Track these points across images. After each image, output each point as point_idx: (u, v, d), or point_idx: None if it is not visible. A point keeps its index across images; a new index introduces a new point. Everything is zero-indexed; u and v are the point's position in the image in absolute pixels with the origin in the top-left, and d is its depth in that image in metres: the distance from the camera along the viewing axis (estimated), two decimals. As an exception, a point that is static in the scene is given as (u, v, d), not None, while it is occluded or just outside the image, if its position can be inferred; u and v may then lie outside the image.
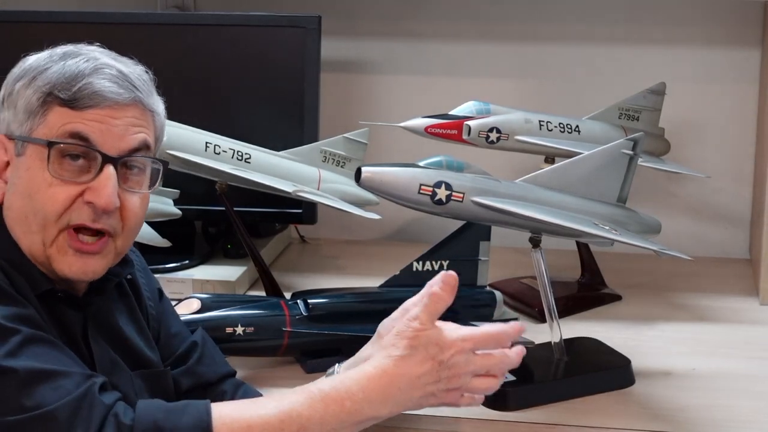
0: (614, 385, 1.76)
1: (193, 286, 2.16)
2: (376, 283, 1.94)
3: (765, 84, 2.31)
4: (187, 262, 2.24)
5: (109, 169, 1.34)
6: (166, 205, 2.09)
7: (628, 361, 1.80)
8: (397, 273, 1.92)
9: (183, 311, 1.74)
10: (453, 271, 1.40)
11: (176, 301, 1.75)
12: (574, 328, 1.95)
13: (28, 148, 1.33)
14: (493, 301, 1.96)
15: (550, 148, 2.06)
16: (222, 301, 1.83)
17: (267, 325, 1.78)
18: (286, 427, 1.27)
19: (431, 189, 1.61)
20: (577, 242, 2.16)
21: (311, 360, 1.82)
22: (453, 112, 2.01)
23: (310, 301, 1.84)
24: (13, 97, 1.35)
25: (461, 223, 1.91)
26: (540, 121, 2.06)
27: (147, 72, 1.42)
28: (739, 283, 2.27)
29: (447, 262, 1.92)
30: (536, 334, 1.90)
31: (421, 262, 1.91)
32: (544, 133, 2.06)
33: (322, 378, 1.40)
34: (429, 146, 1.98)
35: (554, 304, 1.77)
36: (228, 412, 1.27)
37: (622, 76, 2.42)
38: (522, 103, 2.14)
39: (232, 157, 1.99)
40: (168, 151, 1.91)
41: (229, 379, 1.58)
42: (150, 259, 1.64)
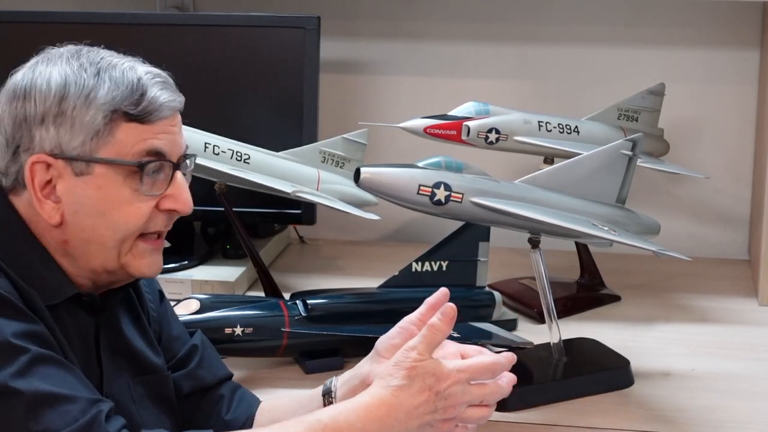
0: (613, 386, 1.76)
1: (192, 287, 2.16)
2: (375, 283, 1.94)
3: (764, 84, 2.31)
4: (186, 262, 2.24)
5: (180, 175, 1.38)
6: (166, 206, 2.09)
7: (627, 362, 1.80)
8: (396, 273, 1.92)
9: (182, 312, 1.75)
10: (453, 304, 1.41)
11: (175, 302, 1.75)
12: (573, 328, 1.95)
13: (96, 167, 1.32)
14: (493, 302, 1.96)
15: (549, 148, 2.06)
16: (221, 302, 1.83)
17: (266, 325, 1.78)
18: None
19: (430, 189, 1.61)
20: (576, 243, 2.16)
21: (310, 360, 1.82)
22: (452, 113, 2.01)
23: (309, 302, 1.84)
24: (66, 118, 1.31)
25: (460, 224, 1.91)
26: (539, 122, 2.06)
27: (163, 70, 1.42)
28: (738, 284, 2.27)
29: (446, 262, 1.92)
30: (535, 334, 1.91)
31: (420, 263, 1.91)
32: (543, 134, 2.06)
33: (319, 408, 1.42)
34: (428, 147, 1.98)
35: (553, 304, 1.77)
36: None
37: (622, 77, 2.42)
38: (521, 104, 2.14)
39: (231, 158, 1.99)
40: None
41: (226, 383, 1.59)
42: (149, 259, 1.63)
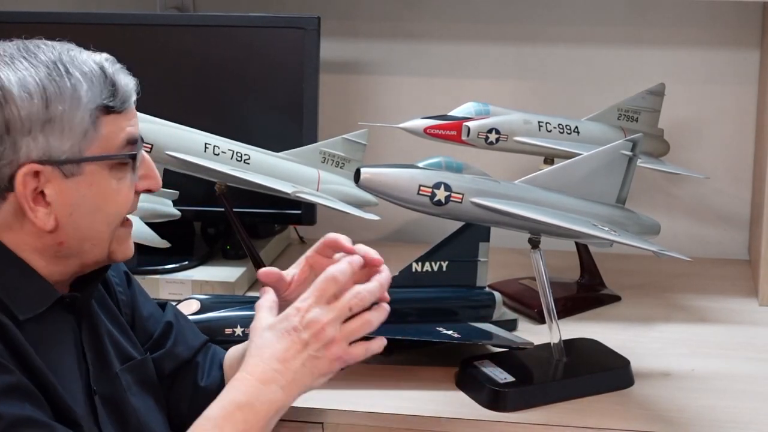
0: (613, 386, 1.76)
1: (192, 287, 2.16)
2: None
3: (764, 85, 2.31)
4: (186, 263, 2.24)
5: (144, 154, 1.40)
6: (165, 206, 2.09)
7: (627, 362, 1.80)
8: (396, 274, 1.91)
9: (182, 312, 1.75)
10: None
11: (175, 302, 1.75)
12: (573, 328, 1.95)
13: (85, 166, 1.33)
14: (493, 302, 1.96)
15: (549, 149, 2.06)
16: (221, 302, 1.83)
17: (266, 326, 1.78)
18: None
19: (430, 190, 1.61)
20: (577, 243, 2.16)
21: (310, 361, 1.82)
22: (452, 113, 2.01)
23: (309, 302, 1.84)
24: (56, 124, 1.30)
25: (460, 224, 1.91)
26: (539, 122, 2.06)
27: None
28: (738, 284, 2.27)
29: (446, 263, 1.92)
30: (535, 335, 1.91)
31: (420, 263, 1.91)
32: (543, 134, 2.06)
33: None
34: (428, 147, 1.98)
35: (553, 304, 1.77)
36: None
37: (622, 77, 2.42)
38: (521, 104, 2.14)
39: (232, 158, 1.99)
40: (167, 152, 1.91)
41: (201, 352, 1.61)
42: (149, 260, 1.64)
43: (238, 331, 1.76)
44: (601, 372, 1.79)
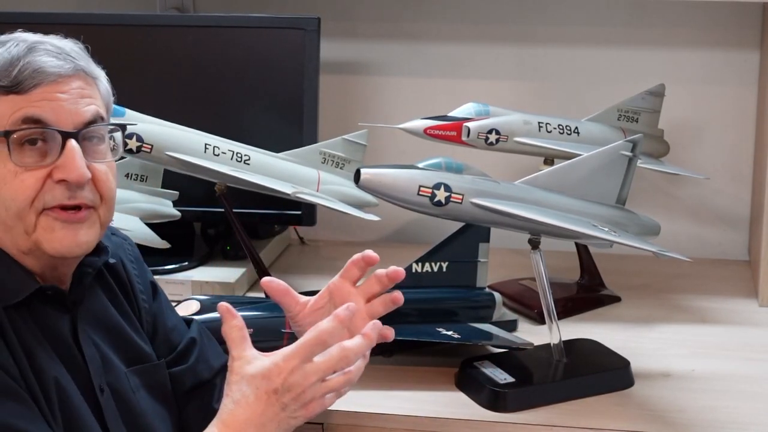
0: (613, 387, 1.76)
1: (192, 288, 2.16)
2: (375, 284, 1.94)
3: (764, 85, 2.31)
4: (186, 263, 2.24)
5: (72, 143, 1.32)
6: (165, 207, 2.09)
7: (627, 363, 1.80)
8: (396, 274, 1.92)
9: (182, 313, 1.75)
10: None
11: (175, 303, 1.75)
12: (574, 329, 1.95)
13: None
14: (493, 303, 1.96)
15: (549, 149, 2.06)
16: (221, 303, 1.83)
17: (266, 326, 1.78)
18: None
19: (430, 190, 1.61)
20: (577, 244, 2.16)
21: (310, 361, 1.82)
22: (452, 114, 2.01)
23: (309, 303, 1.84)
24: None
25: (460, 225, 1.91)
26: (539, 123, 2.06)
27: (77, 42, 1.40)
28: (738, 285, 2.26)
29: (446, 263, 1.92)
30: (535, 335, 1.91)
31: (420, 264, 1.91)
32: (543, 135, 2.06)
33: None
34: (428, 148, 1.98)
35: (553, 305, 1.77)
36: None
37: (621, 78, 2.42)
38: (521, 105, 2.14)
39: (232, 159, 1.99)
40: (167, 153, 1.91)
41: (220, 374, 1.58)
42: (149, 260, 1.64)
43: (238, 331, 1.76)
44: (601, 373, 1.78)
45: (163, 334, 1.55)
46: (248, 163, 2.01)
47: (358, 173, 1.60)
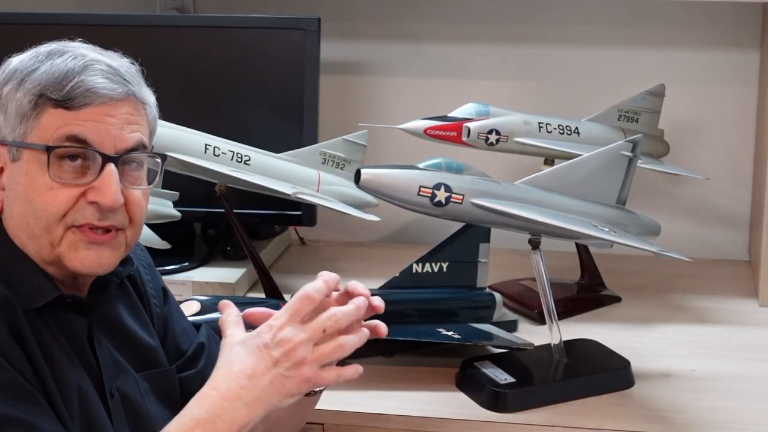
0: (614, 387, 1.76)
1: (193, 288, 2.16)
2: (375, 284, 1.94)
3: (764, 85, 2.31)
4: (187, 264, 2.24)
5: (110, 167, 1.33)
6: (166, 207, 2.09)
7: (627, 363, 1.80)
8: (397, 275, 1.92)
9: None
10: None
11: (176, 303, 1.75)
12: (574, 329, 1.95)
13: (25, 153, 1.32)
14: (493, 303, 1.96)
15: (549, 149, 2.06)
16: (221, 303, 1.83)
17: (266, 326, 1.78)
18: None
19: (430, 191, 1.61)
20: (577, 244, 2.16)
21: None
22: (452, 114, 2.01)
23: (309, 303, 1.83)
24: (2, 102, 1.33)
25: (461, 225, 1.91)
26: (539, 123, 2.06)
27: (133, 63, 1.41)
28: (739, 285, 2.27)
29: (447, 263, 1.92)
30: (536, 335, 1.91)
31: (420, 264, 1.91)
32: (544, 135, 2.06)
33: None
34: (428, 148, 1.98)
35: (554, 305, 1.77)
36: None
37: (622, 78, 2.42)
38: (521, 105, 2.15)
39: (232, 159, 1.99)
40: (167, 153, 1.91)
41: None
42: (149, 261, 1.64)
43: (239, 332, 1.76)
44: (601, 373, 1.79)
45: (173, 338, 1.55)
46: (248, 164, 2.01)
47: (358, 173, 1.60)
